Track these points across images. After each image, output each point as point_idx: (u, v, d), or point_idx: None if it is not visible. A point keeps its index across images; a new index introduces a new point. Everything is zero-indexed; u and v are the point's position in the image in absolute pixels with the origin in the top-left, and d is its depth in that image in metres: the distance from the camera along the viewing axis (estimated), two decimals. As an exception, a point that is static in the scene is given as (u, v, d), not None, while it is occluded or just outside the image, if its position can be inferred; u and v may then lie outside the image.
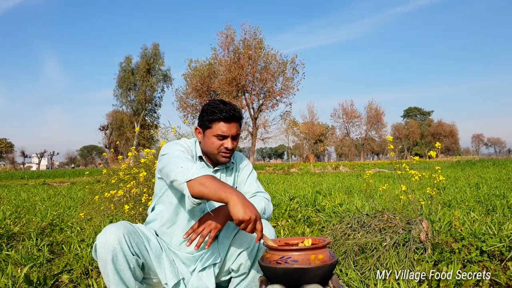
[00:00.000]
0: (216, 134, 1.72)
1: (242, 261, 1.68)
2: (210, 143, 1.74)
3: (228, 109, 1.71)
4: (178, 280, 1.67)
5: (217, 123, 1.72)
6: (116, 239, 1.52)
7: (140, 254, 1.60)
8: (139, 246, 1.60)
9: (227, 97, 34.35)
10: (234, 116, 1.73)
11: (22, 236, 3.54)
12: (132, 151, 4.54)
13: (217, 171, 1.84)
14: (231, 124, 1.73)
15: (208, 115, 1.73)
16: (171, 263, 1.70)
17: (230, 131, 1.73)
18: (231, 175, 1.87)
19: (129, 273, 1.55)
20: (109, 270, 1.53)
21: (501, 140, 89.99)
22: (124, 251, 1.53)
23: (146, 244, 1.64)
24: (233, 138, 1.75)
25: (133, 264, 1.56)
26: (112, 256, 1.51)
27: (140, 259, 1.60)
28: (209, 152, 1.77)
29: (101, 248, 1.52)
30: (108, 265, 1.52)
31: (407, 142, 71.74)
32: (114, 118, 42.79)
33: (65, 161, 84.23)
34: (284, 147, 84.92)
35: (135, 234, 1.60)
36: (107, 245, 1.51)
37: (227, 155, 1.76)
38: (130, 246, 1.55)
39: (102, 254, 1.52)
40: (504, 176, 8.55)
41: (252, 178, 1.87)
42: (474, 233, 2.52)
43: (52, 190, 9.46)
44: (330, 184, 8.08)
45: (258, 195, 1.80)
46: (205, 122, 1.74)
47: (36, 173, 27.45)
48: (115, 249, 1.51)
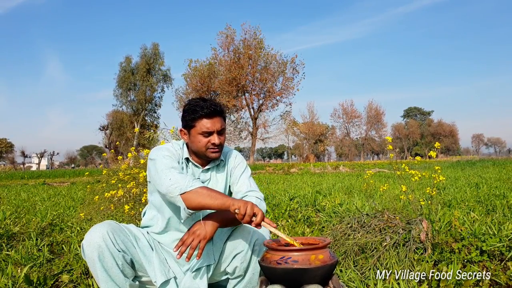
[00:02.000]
0: (201, 131, 1.71)
1: (237, 264, 1.68)
2: (197, 142, 1.73)
3: (208, 105, 1.70)
4: (167, 279, 1.67)
5: (200, 120, 1.71)
6: (100, 237, 1.54)
7: (127, 251, 1.61)
8: (125, 243, 1.61)
9: (227, 97, 34.38)
10: (215, 111, 1.71)
11: (22, 236, 3.54)
12: (132, 152, 4.54)
13: (208, 170, 1.82)
14: (214, 119, 1.71)
15: (190, 114, 1.72)
16: (162, 261, 1.70)
17: (214, 126, 1.71)
18: (222, 173, 1.85)
19: (117, 270, 1.56)
20: (97, 268, 1.54)
21: (501, 140, 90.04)
22: (109, 248, 1.54)
23: (133, 241, 1.65)
24: (219, 133, 1.74)
25: (121, 260, 1.57)
26: (98, 254, 1.53)
27: (128, 255, 1.61)
28: (198, 151, 1.76)
29: (87, 247, 1.54)
30: (95, 263, 1.54)
31: (407, 142, 71.77)
32: (114, 118, 42.82)
33: (65, 161, 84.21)
34: (284, 147, 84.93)
35: (120, 231, 1.61)
36: (92, 243, 1.54)
37: (216, 150, 1.75)
38: (115, 243, 1.56)
39: (89, 253, 1.54)
40: (504, 176, 8.55)
41: (244, 176, 1.85)
42: (474, 233, 2.52)
43: (52, 190, 9.46)
44: (330, 184, 8.08)
45: (249, 195, 1.78)
46: (189, 122, 1.73)
47: (36, 173, 27.44)
48: (100, 247, 1.53)
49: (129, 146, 39.17)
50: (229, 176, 1.87)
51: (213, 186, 1.81)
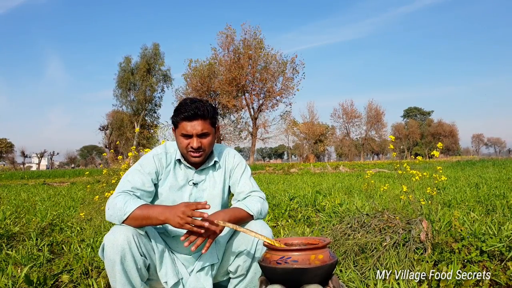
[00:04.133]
0: (181, 133, 1.70)
1: (240, 263, 1.68)
2: (179, 143, 1.73)
3: (191, 108, 1.66)
4: (178, 280, 1.66)
5: (181, 122, 1.69)
6: (125, 240, 1.50)
7: (148, 255, 1.59)
8: (146, 247, 1.59)
9: (227, 97, 34.38)
10: (196, 114, 1.67)
11: (22, 236, 3.54)
12: (132, 151, 4.54)
13: (202, 171, 1.80)
14: (193, 123, 1.68)
15: (175, 115, 1.71)
16: (173, 262, 1.70)
17: (193, 130, 1.67)
18: (219, 173, 1.83)
19: (136, 274, 1.54)
20: (117, 271, 1.51)
21: (501, 140, 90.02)
22: (133, 251, 1.51)
23: (153, 244, 1.63)
24: (200, 137, 1.70)
25: (140, 265, 1.55)
26: (120, 257, 1.50)
27: (147, 260, 1.59)
28: (181, 152, 1.75)
29: (110, 248, 1.50)
30: (116, 266, 1.51)
31: (407, 142, 71.74)
32: (114, 118, 42.80)
33: (65, 161, 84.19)
34: (284, 147, 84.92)
35: (143, 234, 1.59)
36: (116, 245, 1.49)
37: (195, 154, 1.71)
38: (139, 247, 1.54)
39: (111, 254, 1.50)
40: (504, 176, 8.55)
41: (245, 176, 1.83)
42: (474, 233, 2.52)
43: (52, 190, 9.46)
44: (330, 184, 8.08)
45: (253, 195, 1.77)
46: (174, 122, 1.73)
47: (36, 173, 27.44)
48: (124, 250, 1.50)
49: (129, 146, 39.17)
50: (228, 177, 1.85)
51: (209, 187, 1.80)
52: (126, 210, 1.52)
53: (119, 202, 1.55)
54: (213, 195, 1.80)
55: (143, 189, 1.67)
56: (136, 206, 1.53)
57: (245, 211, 1.67)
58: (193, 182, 1.78)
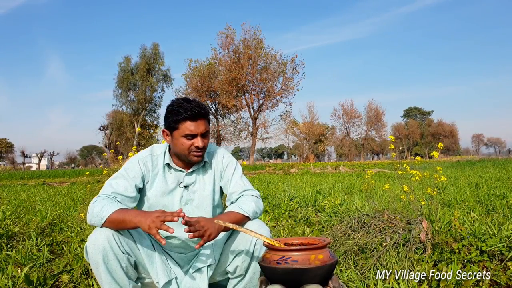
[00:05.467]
0: (184, 134, 1.67)
1: (238, 263, 1.68)
2: (179, 144, 1.69)
3: (192, 107, 1.66)
4: (169, 279, 1.65)
5: (183, 123, 1.66)
6: (105, 239, 1.51)
7: (131, 253, 1.58)
8: (129, 245, 1.58)
9: (227, 97, 34.40)
10: (200, 113, 1.67)
11: (22, 236, 3.54)
12: (132, 151, 4.54)
13: (192, 173, 1.79)
14: (198, 122, 1.67)
15: (173, 116, 1.67)
16: (163, 262, 1.68)
17: (198, 129, 1.67)
18: (209, 174, 1.82)
19: (121, 273, 1.54)
20: (101, 271, 1.52)
21: (501, 140, 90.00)
22: (114, 250, 1.52)
23: (138, 242, 1.62)
24: (203, 136, 1.70)
25: (125, 263, 1.55)
26: (103, 256, 1.50)
27: (132, 257, 1.59)
28: (180, 154, 1.73)
29: (91, 249, 1.51)
30: (99, 266, 1.51)
31: (407, 142, 71.75)
32: (114, 118, 42.81)
33: (65, 161, 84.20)
34: (284, 147, 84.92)
35: (124, 232, 1.59)
36: (97, 245, 1.50)
37: (198, 154, 1.71)
38: (120, 245, 1.54)
39: (93, 255, 1.51)
40: (504, 176, 8.55)
41: (236, 176, 1.82)
42: (474, 233, 2.52)
43: (52, 190, 9.46)
44: (330, 184, 8.08)
45: (246, 194, 1.76)
46: (171, 124, 1.68)
47: (36, 173, 27.44)
48: (105, 249, 1.50)
49: (129, 146, 39.18)
50: (218, 177, 1.84)
51: (200, 188, 1.79)
52: (103, 215, 1.52)
53: (96, 206, 1.56)
54: (204, 196, 1.79)
55: (124, 195, 1.65)
56: (113, 210, 1.53)
57: (241, 214, 1.66)
58: (184, 185, 1.77)
